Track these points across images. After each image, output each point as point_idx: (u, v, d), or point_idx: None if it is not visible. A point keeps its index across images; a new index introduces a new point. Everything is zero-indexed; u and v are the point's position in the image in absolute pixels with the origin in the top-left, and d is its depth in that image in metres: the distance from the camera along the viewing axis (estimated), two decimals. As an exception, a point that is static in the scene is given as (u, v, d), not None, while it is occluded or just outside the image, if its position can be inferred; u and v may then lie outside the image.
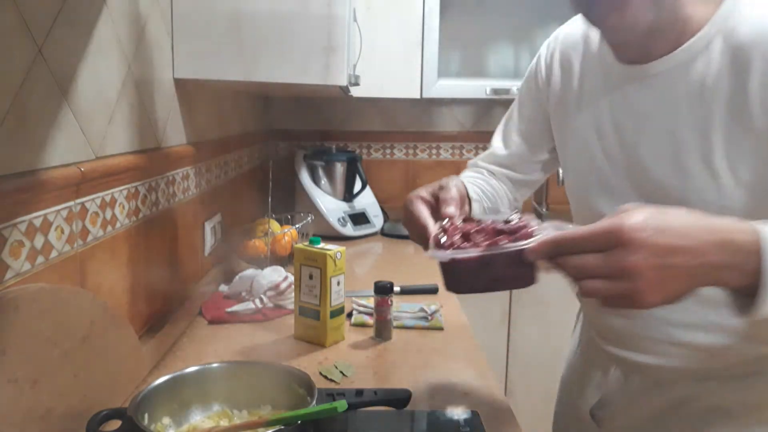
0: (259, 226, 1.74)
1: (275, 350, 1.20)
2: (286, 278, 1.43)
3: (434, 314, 1.37)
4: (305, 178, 2.29)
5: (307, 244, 1.22)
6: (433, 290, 1.57)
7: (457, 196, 0.87)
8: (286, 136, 2.56)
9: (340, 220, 2.21)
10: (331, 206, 2.24)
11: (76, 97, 0.87)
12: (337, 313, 1.22)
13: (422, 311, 1.38)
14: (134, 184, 1.06)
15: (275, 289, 1.41)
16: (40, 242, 0.77)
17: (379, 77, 2.13)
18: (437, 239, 0.74)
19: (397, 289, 1.47)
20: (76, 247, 0.86)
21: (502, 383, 2.09)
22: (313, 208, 2.19)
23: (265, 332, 1.29)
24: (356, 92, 1.98)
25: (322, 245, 1.21)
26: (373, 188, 2.42)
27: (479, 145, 2.60)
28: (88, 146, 0.91)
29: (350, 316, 1.36)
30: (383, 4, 2.17)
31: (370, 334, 1.28)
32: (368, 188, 2.37)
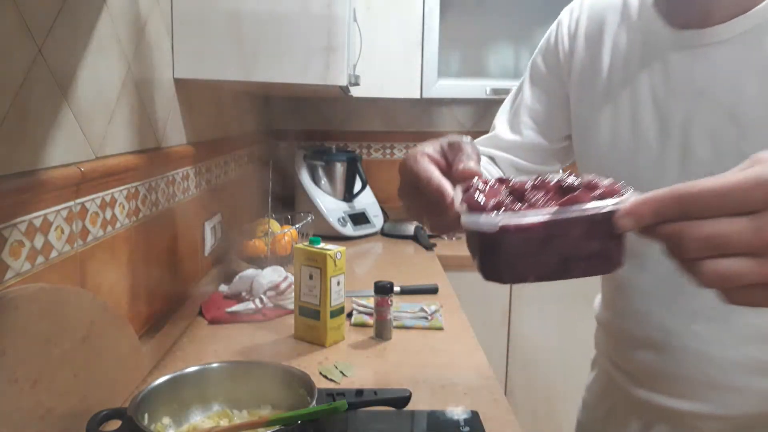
0: (259, 226, 1.74)
1: (275, 350, 1.20)
2: (286, 278, 1.43)
3: (434, 314, 1.37)
4: (305, 178, 2.29)
5: (307, 244, 1.22)
6: (433, 290, 1.57)
7: (475, 157, 0.61)
8: (286, 136, 2.56)
9: (340, 220, 2.21)
10: (331, 206, 2.24)
11: (76, 97, 0.87)
12: (337, 313, 1.22)
13: (422, 311, 1.38)
14: (134, 184, 1.06)
15: (275, 289, 1.41)
16: (40, 242, 0.77)
17: (379, 77, 2.13)
18: (472, 198, 0.49)
19: (397, 289, 1.47)
20: (76, 247, 0.86)
21: (502, 383, 2.09)
22: (313, 208, 2.19)
23: (265, 332, 1.29)
24: (356, 92, 1.98)
25: (322, 245, 1.21)
26: (373, 188, 2.42)
27: (479, 145, 2.60)
28: (88, 146, 0.91)
29: (350, 316, 1.36)
30: (383, 4, 2.17)
31: (370, 334, 1.28)
32: (368, 188, 2.37)
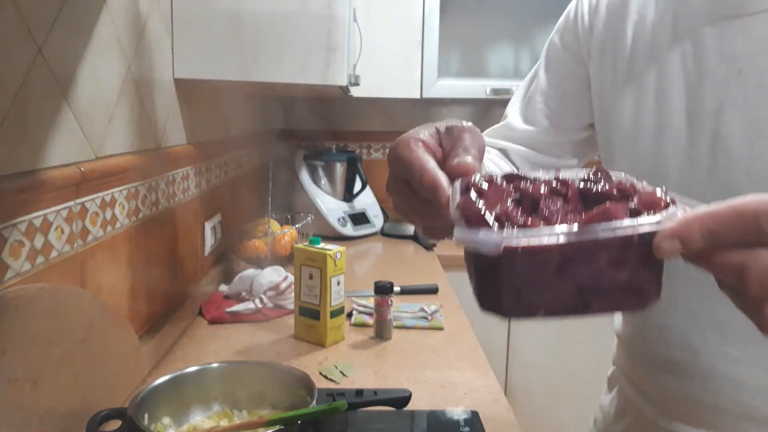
0: (259, 226, 1.74)
1: (275, 350, 1.20)
2: (286, 278, 1.43)
3: (434, 314, 1.37)
4: (305, 178, 2.29)
5: (307, 244, 1.22)
6: (433, 290, 1.57)
7: (475, 147, 0.50)
8: (286, 136, 2.56)
9: (340, 220, 2.21)
10: (331, 206, 2.24)
11: (76, 97, 0.87)
12: (337, 313, 1.22)
13: (422, 311, 1.38)
14: (134, 184, 1.06)
15: (275, 289, 1.41)
16: (40, 242, 0.77)
17: (379, 77, 2.12)
18: (473, 207, 0.36)
19: (397, 289, 1.47)
20: (76, 247, 0.86)
21: (502, 383, 2.09)
22: (313, 208, 2.19)
23: (265, 332, 1.29)
24: (356, 92, 1.97)
25: (322, 245, 1.21)
26: (373, 188, 2.42)
27: (479, 145, 2.60)
28: (88, 146, 0.91)
29: (350, 316, 1.36)
30: (383, 4, 2.17)
31: (370, 334, 1.28)
32: (368, 188, 2.37)
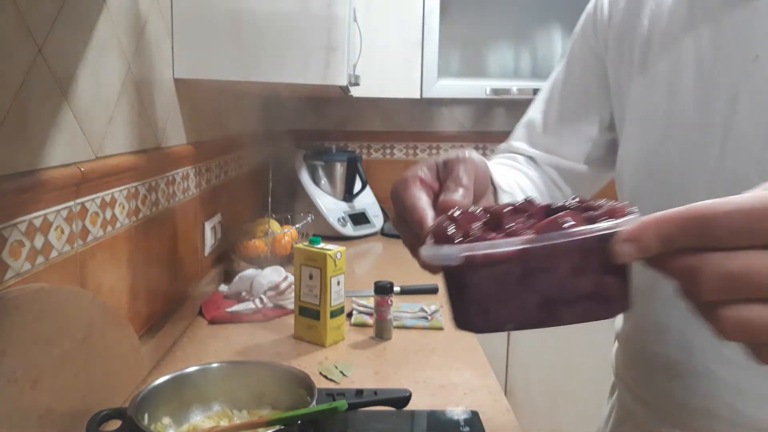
0: (259, 226, 1.74)
1: (275, 350, 1.20)
2: (286, 278, 1.43)
3: (434, 314, 1.37)
4: (305, 178, 2.29)
5: (307, 244, 1.22)
6: (433, 290, 1.57)
7: (467, 177, 0.54)
8: (286, 136, 2.56)
9: (340, 220, 2.21)
10: (331, 206, 2.24)
11: (76, 97, 0.87)
12: (337, 313, 1.22)
13: (422, 311, 1.38)
14: (134, 184, 1.06)
15: (275, 289, 1.41)
16: (40, 242, 0.77)
17: (379, 77, 2.12)
18: (442, 228, 0.42)
19: (397, 289, 1.47)
20: (76, 247, 0.86)
21: (502, 383, 2.09)
22: (313, 208, 2.19)
23: (265, 332, 1.29)
24: (356, 92, 1.97)
25: (322, 245, 1.21)
26: (373, 188, 2.42)
27: (479, 145, 2.60)
28: (88, 146, 0.91)
29: (350, 316, 1.36)
30: (383, 4, 2.17)
31: (370, 334, 1.28)
32: (368, 188, 2.37)
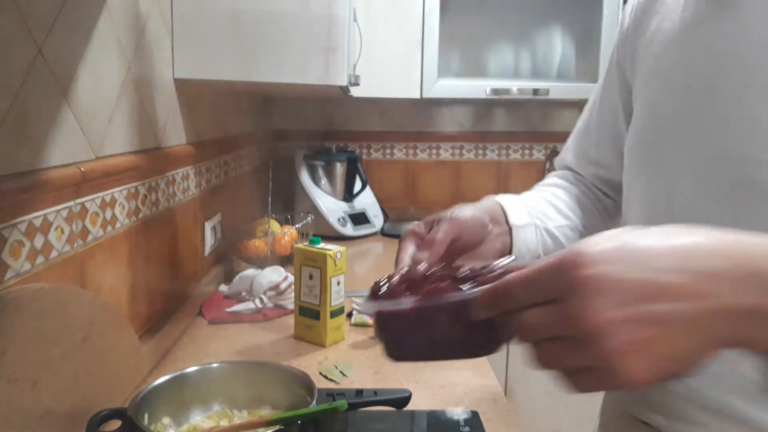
0: (259, 226, 1.74)
1: (275, 350, 1.20)
2: (286, 278, 1.43)
3: (434, 314, 1.37)
4: (305, 178, 2.29)
5: (307, 244, 1.22)
6: (433, 290, 1.56)
7: (445, 235, 0.63)
8: (286, 136, 2.56)
9: (340, 220, 2.21)
10: (331, 206, 2.24)
11: (76, 97, 0.87)
12: (337, 313, 1.22)
13: (422, 311, 1.38)
14: (134, 184, 1.06)
15: (275, 289, 1.41)
16: (40, 242, 0.77)
17: (379, 77, 2.12)
18: (376, 287, 0.57)
19: (397, 289, 1.46)
20: (76, 247, 0.86)
21: (502, 383, 2.09)
22: (313, 208, 2.19)
23: (265, 332, 1.29)
24: (356, 92, 1.97)
25: (322, 245, 1.21)
26: (373, 188, 2.42)
27: (479, 145, 2.60)
28: (88, 146, 0.91)
29: (350, 316, 1.36)
30: (383, 4, 2.17)
31: (370, 334, 1.28)
32: (368, 188, 2.37)
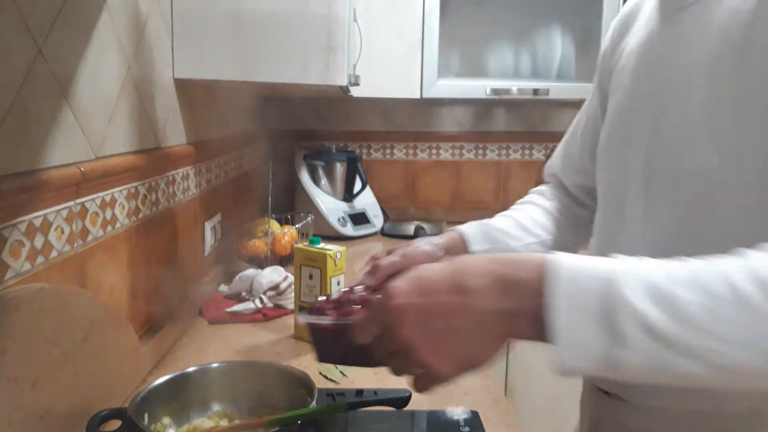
0: (259, 226, 1.74)
1: (275, 350, 1.20)
2: (286, 278, 1.43)
3: (434, 314, 1.37)
4: (305, 178, 2.29)
5: (307, 244, 1.22)
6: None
7: (390, 266, 0.72)
8: (286, 136, 2.56)
9: (340, 220, 2.21)
10: (331, 206, 2.24)
11: (76, 97, 0.87)
12: (337, 313, 1.22)
13: (422, 311, 1.38)
14: (134, 184, 1.06)
15: (275, 289, 1.41)
16: (40, 242, 0.77)
17: (379, 77, 2.12)
18: (316, 303, 0.71)
19: (397, 289, 1.46)
20: (76, 247, 0.86)
21: (502, 383, 2.08)
22: (313, 208, 2.19)
23: (265, 332, 1.29)
24: (356, 92, 1.97)
25: (322, 245, 1.21)
26: (373, 188, 2.42)
27: (479, 145, 2.60)
28: (88, 146, 0.91)
29: (350, 316, 1.36)
30: (383, 4, 2.17)
31: (370, 334, 1.28)
32: (368, 188, 2.37)
